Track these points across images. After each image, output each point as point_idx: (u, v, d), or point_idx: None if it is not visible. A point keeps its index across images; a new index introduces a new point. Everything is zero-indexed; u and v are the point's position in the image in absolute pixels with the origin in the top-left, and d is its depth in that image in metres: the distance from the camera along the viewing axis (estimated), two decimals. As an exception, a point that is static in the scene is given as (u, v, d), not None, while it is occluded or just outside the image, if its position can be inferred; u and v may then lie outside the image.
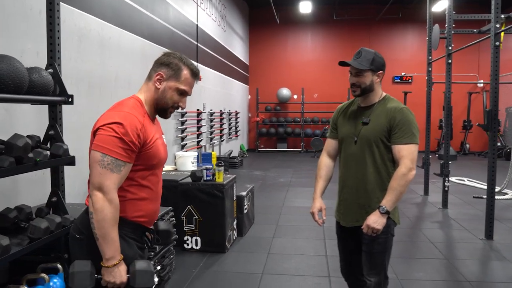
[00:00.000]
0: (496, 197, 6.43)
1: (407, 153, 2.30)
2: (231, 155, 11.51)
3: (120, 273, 1.72)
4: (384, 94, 2.47)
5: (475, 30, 7.28)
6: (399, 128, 2.33)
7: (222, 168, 4.42)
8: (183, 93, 1.90)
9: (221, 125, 11.25)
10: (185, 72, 1.88)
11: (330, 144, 2.65)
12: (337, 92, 15.68)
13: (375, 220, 2.27)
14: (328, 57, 15.90)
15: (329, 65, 15.87)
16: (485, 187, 8.25)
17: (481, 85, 15.33)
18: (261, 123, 15.77)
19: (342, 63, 2.41)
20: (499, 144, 14.13)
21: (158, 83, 1.87)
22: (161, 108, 1.90)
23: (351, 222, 2.48)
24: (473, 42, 5.86)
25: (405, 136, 2.32)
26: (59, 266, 3.03)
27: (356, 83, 2.38)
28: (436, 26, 6.74)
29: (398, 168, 2.30)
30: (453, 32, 6.34)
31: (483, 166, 11.95)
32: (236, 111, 13.29)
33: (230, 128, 12.46)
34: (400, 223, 2.51)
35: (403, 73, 15.32)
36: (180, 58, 1.89)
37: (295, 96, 15.83)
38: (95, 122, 1.81)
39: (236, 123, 13.30)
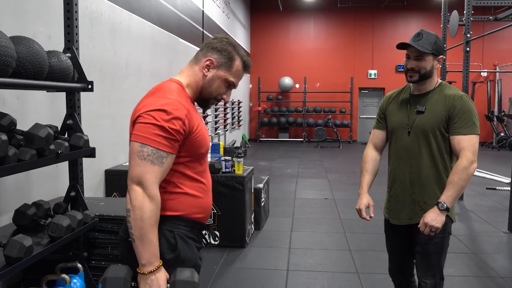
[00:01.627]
0: (508, 188, 6.29)
1: (468, 145, 2.11)
2: (234, 145, 11.30)
3: (158, 282, 1.49)
4: (439, 80, 2.27)
5: (491, 17, 7.07)
6: (458, 117, 2.13)
7: (241, 159, 4.22)
8: (231, 86, 1.72)
9: (225, 114, 11.02)
10: (238, 63, 1.69)
11: (376, 135, 2.45)
12: (340, 81, 15.48)
13: (434, 218, 2.08)
14: (331, 46, 15.68)
15: (332, 54, 15.67)
16: (496, 178, 8.17)
17: (485, 74, 15.19)
18: (262, 112, 15.54)
19: (402, 45, 2.19)
20: (502, 134, 14.01)
21: (206, 69, 1.67)
22: (204, 97, 1.71)
23: (404, 220, 2.28)
24: (496, 29, 5.66)
25: (465, 126, 2.12)
26: (79, 265, 2.83)
27: (415, 67, 2.17)
28: (455, 13, 6.53)
29: (458, 161, 2.11)
30: (471, 19, 6.13)
31: (487, 157, 11.88)
32: (238, 100, 13.05)
33: (233, 118, 12.24)
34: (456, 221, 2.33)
35: (406, 62, 15.10)
36: (234, 46, 1.70)
37: (297, 85, 15.61)
38: (134, 110, 1.60)
39: (239, 112, 13.08)
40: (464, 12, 6.17)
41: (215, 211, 4.20)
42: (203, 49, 1.70)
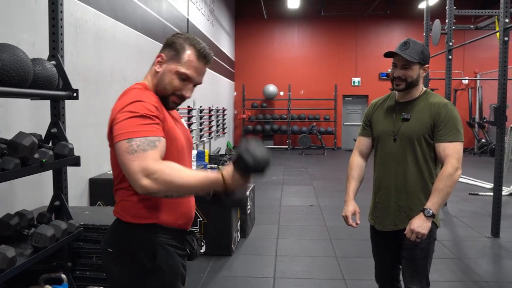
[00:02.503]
0: (490, 193, 6.39)
1: (452, 152, 2.14)
2: (219, 153, 11.26)
3: (236, 179, 1.43)
4: (424, 88, 2.31)
5: (471, 26, 7.22)
6: (443, 124, 2.17)
7: (228, 167, 4.21)
8: (186, 79, 1.60)
9: (210, 122, 11.01)
10: (189, 53, 1.58)
11: (362, 142, 2.47)
12: (324, 88, 15.61)
13: (420, 224, 2.11)
14: (315, 53, 15.81)
15: (316, 61, 15.79)
16: (478, 183, 8.30)
17: (466, 81, 15.47)
18: (247, 120, 15.55)
19: (389, 54, 2.22)
20: (483, 140, 14.26)
21: (158, 65, 1.62)
22: (161, 95, 1.60)
23: (389, 226, 2.31)
24: (477, 38, 5.78)
25: (450, 134, 2.16)
26: (63, 276, 2.79)
27: (401, 76, 2.20)
28: (437, 21, 6.65)
29: (443, 168, 2.14)
30: (453, 27, 6.25)
31: (470, 163, 12.06)
32: (223, 108, 13.04)
33: (217, 126, 12.22)
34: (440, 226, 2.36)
35: (389, 70, 15.27)
36: (186, 38, 1.61)
37: (281, 93, 15.66)
38: (110, 118, 1.56)
39: (223, 120, 13.06)
40: (446, 21, 6.29)
41: (201, 219, 4.18)
42: (160, 50, 1.67)
